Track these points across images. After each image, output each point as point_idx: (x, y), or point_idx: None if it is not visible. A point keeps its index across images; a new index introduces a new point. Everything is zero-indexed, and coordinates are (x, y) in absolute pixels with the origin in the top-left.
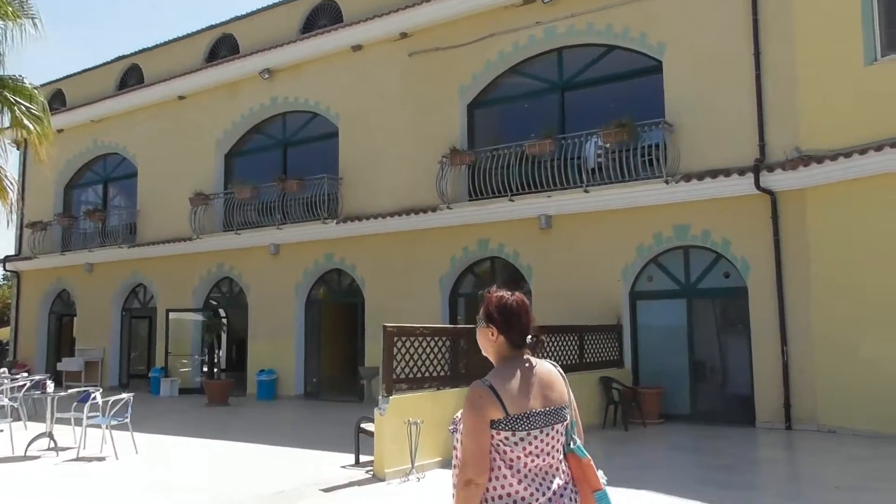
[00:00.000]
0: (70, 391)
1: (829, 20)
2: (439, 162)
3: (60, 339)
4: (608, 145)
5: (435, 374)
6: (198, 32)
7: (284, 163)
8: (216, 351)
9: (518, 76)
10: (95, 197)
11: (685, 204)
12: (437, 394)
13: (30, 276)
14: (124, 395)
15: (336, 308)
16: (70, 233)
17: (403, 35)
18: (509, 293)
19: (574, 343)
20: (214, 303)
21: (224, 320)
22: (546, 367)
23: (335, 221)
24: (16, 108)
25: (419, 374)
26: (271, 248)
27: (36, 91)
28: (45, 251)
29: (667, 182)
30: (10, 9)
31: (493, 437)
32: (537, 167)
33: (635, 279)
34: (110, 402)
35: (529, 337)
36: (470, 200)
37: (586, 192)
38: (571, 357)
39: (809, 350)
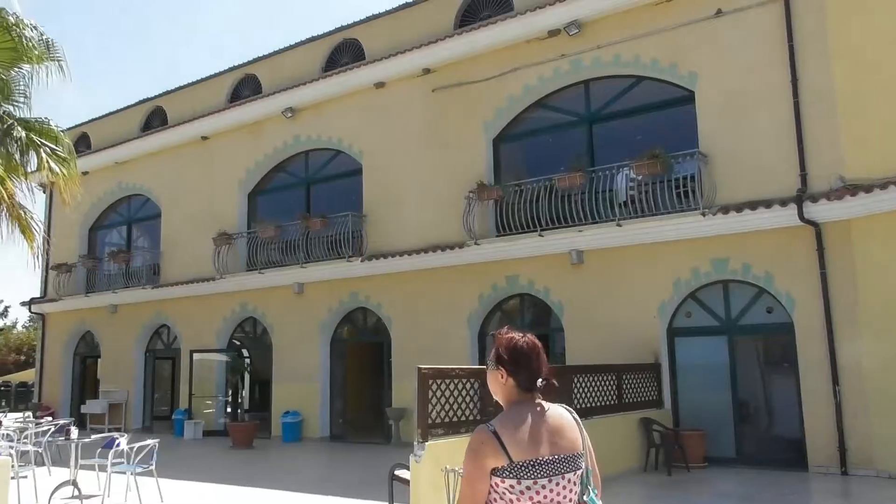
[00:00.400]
0: (94, 436)
1: (868, 45)
2: (466, 197)
3: (84, 382)
4: (640, 177)
5: (472, 417)
6: (221, 73)
7: (308, 201)
8: (240, 392)
9: (544, 109)
10: (119, 238)
11: (723, 237)
12: None
13: (54, 318)
14: (149, 441)
15: (361, 347)
16: (94, 274)
17: (426, 71)
18: (520, 334)
19: (612, 383)
20: (238, 343)
21: (247, 361)
22: (558, 412)
23: (360, 259)
24: (42, 150)
25: (456, 419)
26: (295, 287)
27: (62, 133)
28: (69, 293)
29: (704, 214)
30: (37, 52)
31: (497, 485)
32: (567, 201)
33: (673, 315)
34: (135, 449)
35: (540, 380)
36: (498, 236)
37: (619, 225)
38: (610, 398)
39: (862, 388)
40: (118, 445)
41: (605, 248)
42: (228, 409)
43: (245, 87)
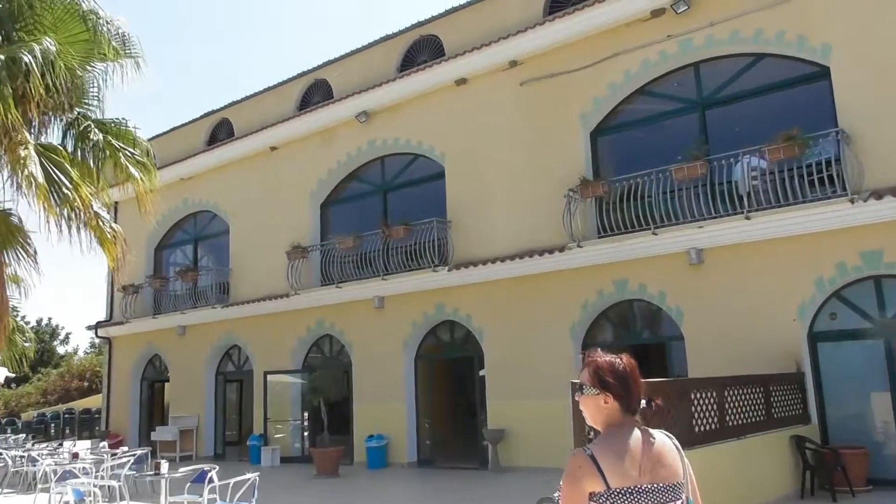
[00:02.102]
0: (183, 469)
1: None
2: (565, 196)
3: (152, 407)
4: (768, 164)
5: None
6: (289, 80)
7: (385, 209)
8: (322, 415)
9: (648, 97)
10: (184, 258)
11: (874, 226)
12: None
13: (121, 341)
14: (249, 476)
15: (450, 364)
16: (161, 295)
17: (513, 63)
18: (616, 357)
19: (759, 397)
20: (315, 363)
21: (327, 381)
22: (660, 439)
23: (446, 268)
24: (121, 153)
25: None
26: (375, 301)
27: (140, 135)
28: (136, 315)
29: (852, 201)
30: (113, 46)
31: None
32: (683, 195)
33: (814, 318)
34: (231, 484)
35: (644, 401)
36: (601, 236)
37: (747, 218)
38: (757, 414)
39: None
40: (210, 481)
41: (730, 245)
42: (304, 433)
43: (315, 92)
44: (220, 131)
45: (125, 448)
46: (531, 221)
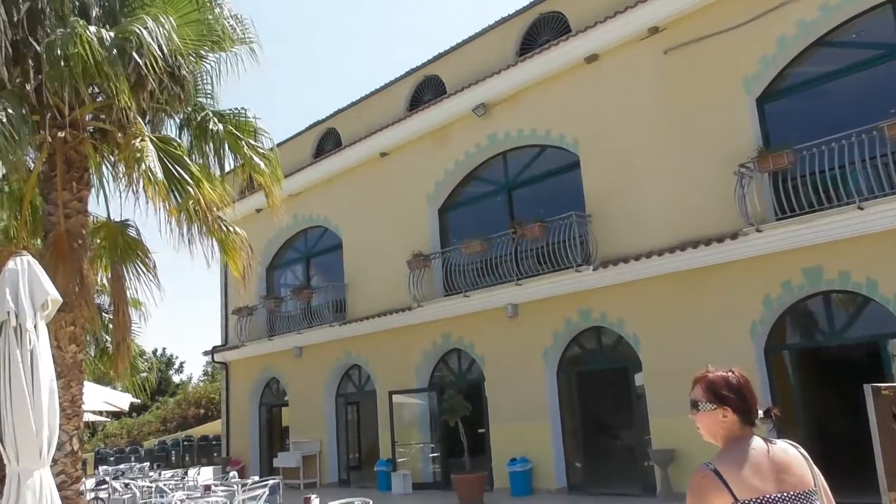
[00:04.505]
0: None
1: None
2: (736, 172)
3: (272, 432)
4: None
5: None
6: (396, 80)
7: (510, 209)
8: (462, 437)
9: (830, 48)
10: (294, 278)
11: None
12: None
13: (238, 365)
14: None
15: (599, 376)
16: (275, 316)
17: (653, 30)
18: (727, 370)
19: None
20: (442, 380)
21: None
22: (782, 447)
23: (590, 268)
24: (243, 143)
25: None
26: (508, 309)
27: (261, 126)
28: (251, 338)
29: None
30: (226, 31)
31: None
32: None
33: None
34: None
35: (762, 412)
36: (781, 218)
37: None
38: None
39: None
40: None
41: None
42: (431, 456)
43: (426, 90)
44: (327, 142)
45: (255, 477)
46: (689, 207)
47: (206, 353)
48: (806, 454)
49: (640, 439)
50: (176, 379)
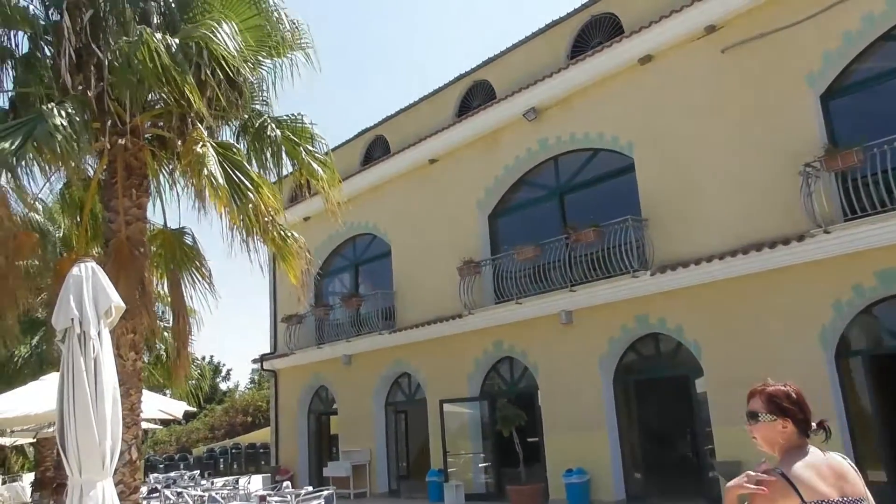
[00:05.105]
0: None
1: None
2: (801, 172)
3: (321, 441)
4: None
5: None
6: (445, 86)
7: (563, 213)
8: (517, 448)
9: None
10: (342, 286)
11: None
12: None
13: (286, 373)
14: None
15: (658, 384)
16: (323, 324)
17: (710, 29)
18: (783, 384)
19: None
20: (494, 389)
21: (518, 409)
22: (836, 458)
23: (647, 273)
24: (300, 148)
25: None
26: (562, 316)
27: (317, 131)
28: (300, 346)
29: None
30: (287, 32)
31: None
32: None
33: None
34: None
35: (815, 424)
36: (851, 218)
37: None
38: None
39: None
40: None
41: None
42: (483, 466)
43: (475, 95)
44: (376, 149)
45: (309, 487)
46: (749, 209)
47: (255, 361)
48: (854, 466)
49: (702, 450)
50: (223, 386)
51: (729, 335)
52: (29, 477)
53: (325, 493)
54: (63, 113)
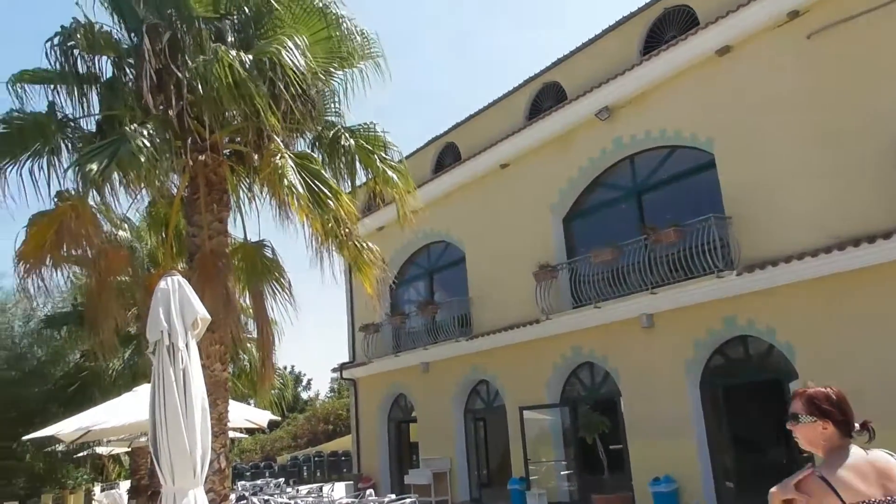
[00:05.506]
0: None
1: None
2: None
3: (401, 448)
4: None
5: None
6: (514, 90)
7: (640, 214)
8: (601, 455)
9: None
10: (417, 294)
11: None
12: None
13: (366, 382)
14: None
15: (749, 388)
16: (400, 332)
17: (793, 15)
18: (825, 387)
19: None
20: (574, 395)
21: (600, 416)
22: (882, 456)
23: (734, 273)
24: (374, 157)
25: None
26: (643, 319)
27: (390, 140)
28: (377, 354)
29: None
30: (357, 44)
31: None
32: None
33: None
34: None
35: (858, 424)
36: None
37: None
38: None
39: None
40: None
41: None
42: (564, 474)
43: (545, 98)
44: (447, 156)
45: (392, 495)
46: (842, 202)
47: (334, 370)
48: None
49: (798, 457)
50: (304, 395)
51: (826, 336)
52: (125, 484)
53: (408, 500)
54: (145, 133)
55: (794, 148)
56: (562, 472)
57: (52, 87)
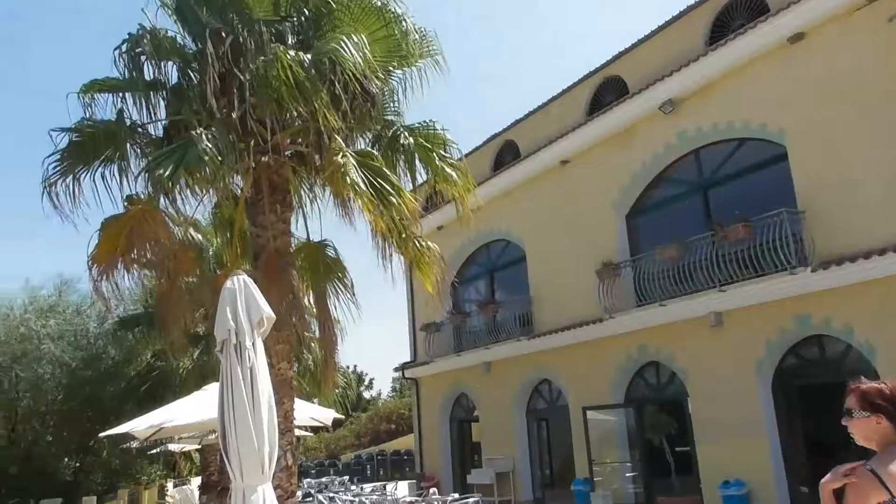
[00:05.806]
0: None
1: None
2: None
3: (463, 448)
4: None
5: None
6: (575, 85)
7: (706, 210)
8: (668, 457)
9: None
10: (477, 293)
11: None
12: None
13: (427, 381)
14: None
15: (824, 389)
16: (461, 331)
17: None
18: (880, 382)
19: None
20: (640, 395)
21: (668, 417)
22: None
23: (808, 269)
24: (434, 154)
25: None
26: (711, 318)
27: (449, 137)
28: (439, 354)
29: None
30: (411, 46)
31: None
32: None
33: None
34: None
35: None
36: None
37: None
38: None
39: None
40: None
41: None
42: (628, 476)
43: (606, 92)
44: (506, 154)
45: (455, 494)
46: None
47: (396, 370)
48: None
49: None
50: (366, 395)
51: None
52: (196, 481)
53: (472, 500)
54: (210, 137)
55: (873, 139)
56: (627, 474)
57: (120, 94)
